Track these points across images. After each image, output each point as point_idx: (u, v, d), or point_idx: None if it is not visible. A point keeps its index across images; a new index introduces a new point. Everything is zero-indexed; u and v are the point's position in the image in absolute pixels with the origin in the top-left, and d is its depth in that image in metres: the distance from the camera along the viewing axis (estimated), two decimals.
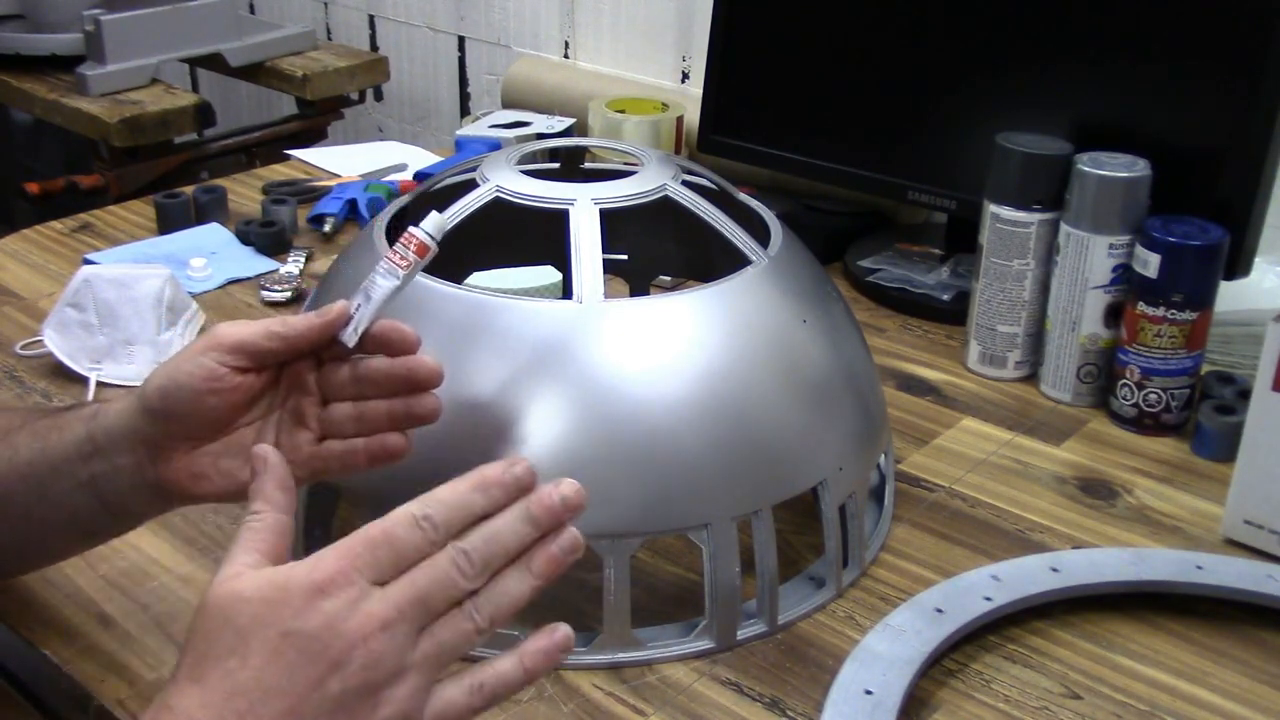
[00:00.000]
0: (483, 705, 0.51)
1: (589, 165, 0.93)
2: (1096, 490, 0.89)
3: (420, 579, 0.50)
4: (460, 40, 1.91)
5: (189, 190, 1.33)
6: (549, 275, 0.90)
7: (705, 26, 1.28)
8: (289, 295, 1.14)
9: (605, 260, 0.73)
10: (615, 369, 0.70)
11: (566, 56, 1.74)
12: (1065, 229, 0.96)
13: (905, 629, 0.71)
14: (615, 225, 0.77)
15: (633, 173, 0.81)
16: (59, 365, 0.99)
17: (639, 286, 1.03)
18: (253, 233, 1.24)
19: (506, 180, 0.78)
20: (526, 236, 0.86)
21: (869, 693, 0.66)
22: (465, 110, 1.95)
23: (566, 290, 0.74)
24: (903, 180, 1.18)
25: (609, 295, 0.72)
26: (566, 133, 1.43)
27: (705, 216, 0.78)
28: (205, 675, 0.48)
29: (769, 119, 1.25)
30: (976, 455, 0.93)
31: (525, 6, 1.78)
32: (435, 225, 0.62)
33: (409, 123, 2.07)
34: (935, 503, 0.87)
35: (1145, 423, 0.95)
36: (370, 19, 2.06)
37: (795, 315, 0.76)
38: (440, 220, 0.63)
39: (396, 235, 0.63)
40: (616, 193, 0.77)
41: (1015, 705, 0.69)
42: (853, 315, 0.84)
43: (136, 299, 1.01)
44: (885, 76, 1.17)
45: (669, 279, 1.07)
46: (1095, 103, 1.04)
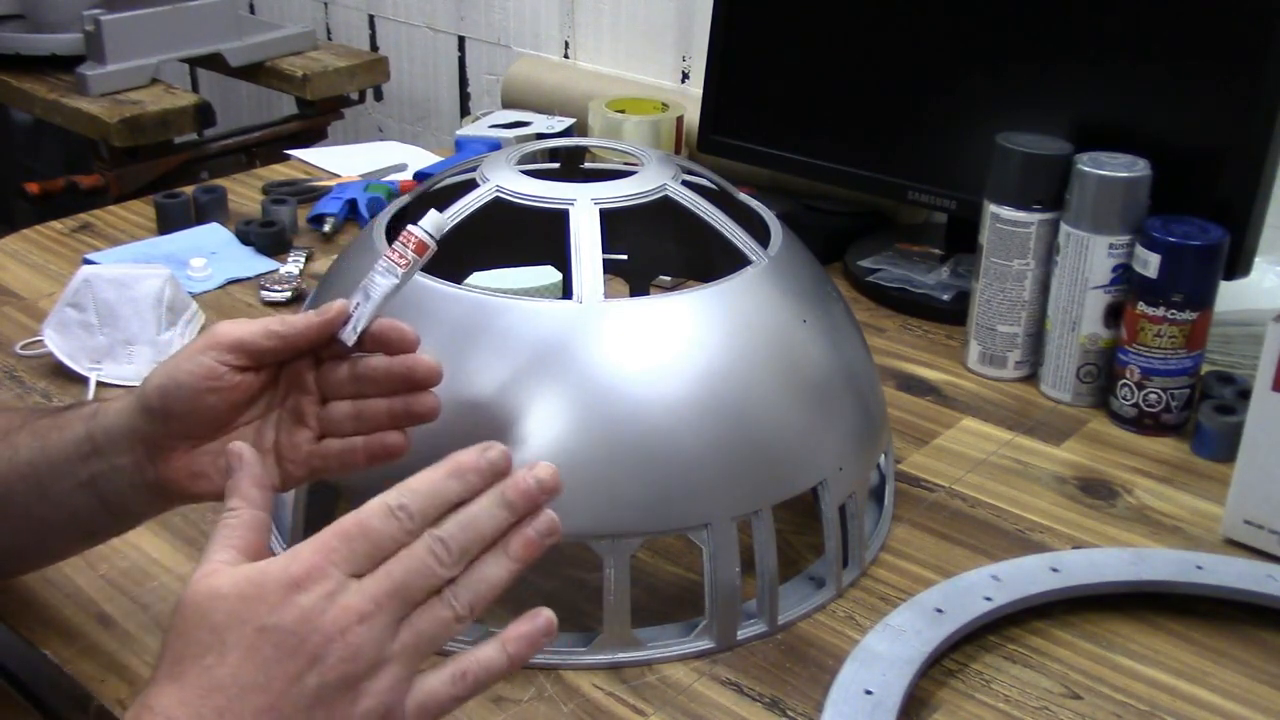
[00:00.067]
0: (466, 694, 0.51)
1: (589, 165, 0.93)
2: (1096, 490, 0.89)
3: (397, 569, 0.49)
4: (460, 40, 1.91)
5: (189, 190, 1.33)
6: (549, 275, 0.90)
7: (705, 26, 1.28)
8: (289, 295, 1.14)
9: (605, 260, 0.73)
10: (615, 369, 0.70)
11: (566, 56, 1.74)
12: (1065, 229, 0.96)
13: (905, 629, 0.71)
14: (615, 225, 0.77)
15: (633, 173, 0.81)
16: (59, 365, 0.99)
17: (639, 286, 1.03)
18: (253, 233, 1.24)
19: (506, 180, 0.78)
20: (526, 236, 0.86)
21: (869, 693, 0.66)
22: (465, 110, 1.95)
23: (566, 290, 0.74)
24: (903, 180, 1.18)
25: (609, 295, 0.72)
26: (566, 133, 1.43)
27: (705, 216, 0.78)
28: (183, 674, 0.48)
29: (769, 119, 1.25)
30: (976, 455, 0.93)
31: (525, 6, 1.78)
32: (434, 224, 0.62)
33: (409, 123, 2.07)
34: (935, 503, 0.87)
35: (1145, 423, 0.95)
36: (370, 19, 2.06)
37: (795, 315, 0.76)
38: (439, 219, 0.63)
39: (396, 235, 0.63)
40: (616, 193, 0.77)
41: (1015, 705, 0.69)
42: (853, 315, 0.84)
43: (136, 299, 1.01)
44: (885, 76, 1.17)
45: (669, 279, 1.07)
46: (1095, 103, 1.04)
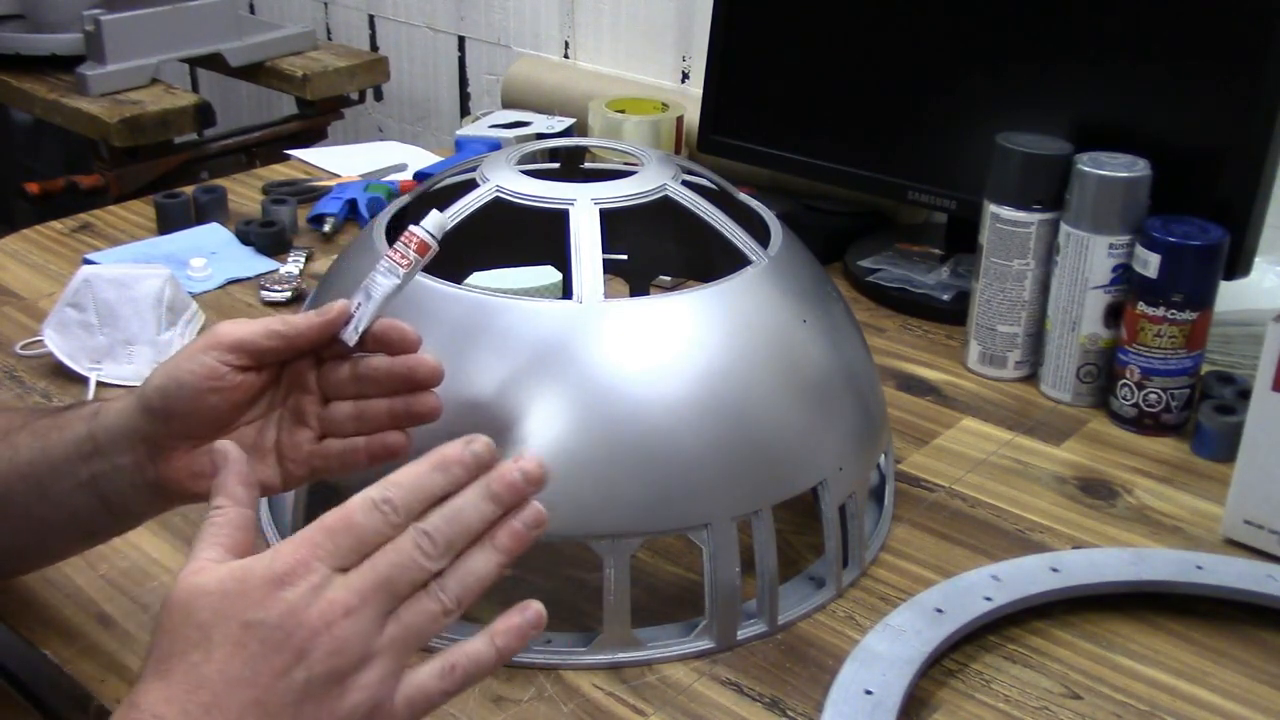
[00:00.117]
0: (455, 687, 0.51)
1: (589, 165, 0.93)
2: (1096, 490, 0.89)
3: (382, 563, 0.49)
4: (460, 40, 1.91)
5: (189, 190, 1.33)
6: (549, 275, 0.90)
7: (705, 26, 1.28)
8: (289, 295, 1.14)
9: (605, 260, 0.73)
10: (615, 369, 0.70)
11: (566, 56, 1.74)
12: (1065, 229, 0.96)
13: (905, 629, 0.71)
14: (615, 225, 0.77)
15: (633, 173, 0.81)
16: (59, 365, 0.99)
17: (639, 286, 1.03)
18: (253, 233, 1.24)
19: (506, 180, 0.78)
20: (526, 236, 0.86)
21: (869, 693, 0.66)
22: (465, 110, 1.95)
23: (566, 290, 0.74)
24: (903, 180, 1.18)
25: (609, 295, 0.72)
26: (566, 133, 1.43)
27: (705, 216, 0.78)
28: (170, 671, 0.48)
29: (769, 119, 1.25)
30: (976, 455, 0.93)
31: (525, 6, 1.78)
32: (436, 224, 0.62)
33: (409, 123, 2.07)
34: (935, 503, 0.87)
35: (1145, 423, 0.95)
36: (370, 19, 2.06)
37: (795, 315, 0.76)
38: (441, 219, 0.63)
39: (396, 235, 0.63)
40: (616, 193, 0.77)
41: (1015, 705, 0.69)
42: (853, 315, 0.84)
43: (136, 299, 1.01)
44: (885, 76, 1.17)
45: (669, 279, 1.07)
46: (1095, 103, 1.04)
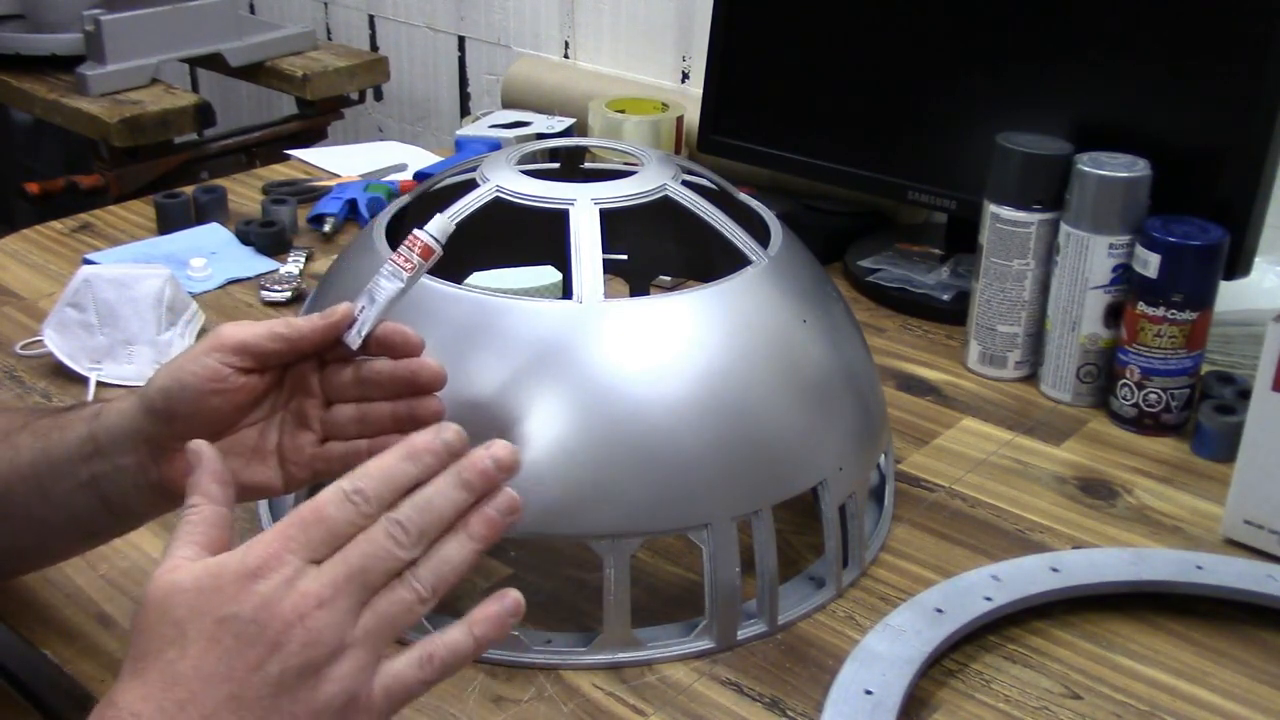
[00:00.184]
0: (434, 677, 0.51)
1: (589, 165, 0.93)
2: (1096, 490, 0.89)
3: (354, 554, 0.49)
4: (460, 40, 1.91)
5: (189, 190, 1.33)
6: (549, 275, 0.90)
7: (705, 26, 1.28)
8: (289, 295, 1.14)
9: (605, 260, 0.73)
10: (615, 369, 0.70)
11: (566, 56, 1.74)
12: (1065, 229, 0.96)
13: (905, 629, 0.71)
14: (615, 225, 0.77)
15: (633, 173, 0.81)
16: (59, 365, 0.99)
17: (639, 286, 1.03)
18: (253, 233, 1.24)
19: (506, 180, 0.78)
20: (526, 236, 0.86)
21: (869, 693, 0.66)
22: (465, 110, 1.95)
23: (566, 290, 0.74)
24: (903, 180, 1.18)
25: (609, 295, 0.72)
26: (566, 133, 1.43)
27: (705, 216, 0.78)
28: (146, 670, 0.48)
29: (769, 119, 1.25)
30: (976, 455, 0.93)
31: (525, 6, 1.78)
32: (440, 228, 0.62)
33: (409, 123, 2.07)
34: (935, 503, 0.87)
35: (1145, 423, 0.95)
36: (370, 19, 2.06)
37: (795, 315, 0.76)
38: (445, 223, 0.63)
39: (396, 235, 0.63)
40: (616, 193, 0.77)
41: (1015, 705, 0.69)
42: (853, 315, 0.84)
43: (136, 299, 1.01)
44: (885, 76, 1.17)
45: (669, 279, 1.07)
46: (1095, 103, 1.04)
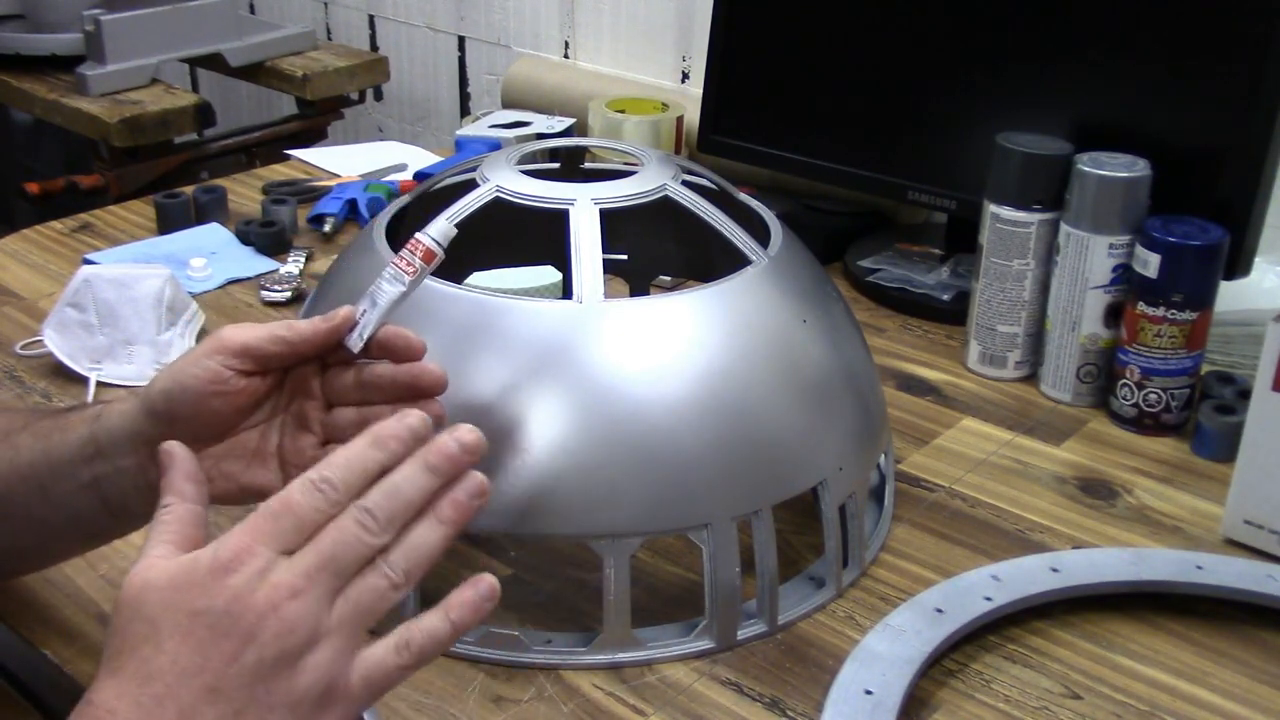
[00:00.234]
0: (412, 663, 0.51)
1: (589, 165, 0.93)
2: (1096, 490, 0.89)
3: (325, 542, 0.49)
4: (460, 40, 1.91)
5: (189, 190, 1.33)
6: (549, 275, 0.90)
7: (705, 26, 1.28)
8: (289, 295, 1.14)
9: (605, 260, 0.73)
10: (615, 369, 0.70)
11: (566, 56, 1.74)
12: (1065, 229, 0.96)
13: (905, 629, 0.71)
14: (615, 225, 0.77)
15: (633, 173, 0.81)
16: (59, 365, 0.99)
17: (639, 286, 1.03)
18: (253, 233, 1.24)
19: (506, 180, 0.78)
20: (526, 236, 0.86)
21: (869, 693, 0.66)
22: (465, 110, 1.95)
23: (566, 290, 0.74)
24: (903, 180, 1.18)
25: (609, 295, 0.72)
26: (566, 133, 1.43)
27: (705, 216, 0.78)
28: (121, 667, 0.48)
29: (769, 119, 1.25)
30: (976, 455, 0.93)
31: (525, 6, 1.78)
32: (442, 233, 0.62)
33: (409, 123, 2.07)
34: (935, 503, 0.87)
35: (1145, 423, 0.95)
36: (370, 19, 2.06)
37: (795, 315, 0.76)
38: (447, 228, 0.63)
39: (396, 235, 0.63)
40: (616, 193, 0.77)
41: (1015, 705, 0.69)
42: (853, 315, 0.84)
43: (136, 299, 1.01)
44: (885, 76, 1.17)
45: (669, 279, 1.07)
46: (1095, 103, 1.04)
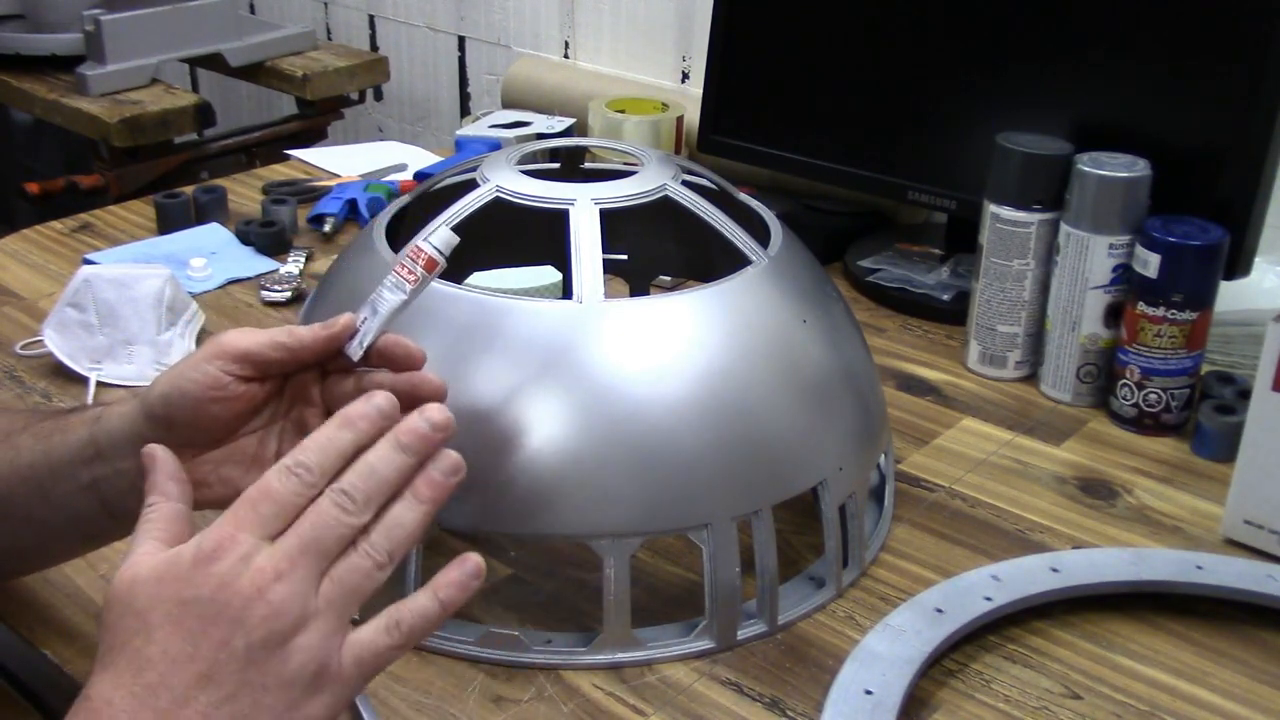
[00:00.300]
0: (402, 642, 0.52)
1: (589, 165, 0.93)
2: (1096, 490, 0.89)
3: (305, 525, 0.51)
4: (460, 40, 1.91)
5: (189, 190, 1.33)
6: (549, 275, 0.90)
7: (705, 26, 1.28)
8: (289, 295, 1.14)
9: (605, 260, 0.73)
10: (615, 369, 0.70)
11: (566, 56, 1.74)
12: (1065, 229, 0.96)
13: (905, 629, 0.71)
14: (615, 225, 0.77)
15: (633, 173, 0.81)
16: (59, 365, 0.99)
17: (639, 286, 1.03)
18: (253, 233, 1.24)
19: (506, 180, 0.78)
20: (526, 236, 0.86)
21: (869, 693, 0.66)
22: (465, 110, 1.95)
23: (566, 290, 0.74)
24: (903, 180, 1.18)
25: (609, 295, 0.72)
26: (566, 133, 1.43)
27: (705, 216, 0.78)
28: (115, 661, 0.49)
29: (769, 119, 1.25)
30: (976, 455, 0.93)
31: (525, 6, 1.78)
32: (444, 241, 0.62)
33: (409, 123, 2.07)
34: (935, 503, 0.87)
35: (1145, 423, 0.95)
36: (370, 19, 2.06)
37: (795, 315, 0.76)
38: (449, 236, 0.62)
39: (396, 235, 0.63)
40: (616, 193, 0.77)
41: (1015, 705, 0.69)
42: (853, 315, 0.84)
43: (136, 299, 1.01)
44: (885, 76, 1.17)
45: (669, 279, 1.07)
46: (1095, 103, 1.04)
